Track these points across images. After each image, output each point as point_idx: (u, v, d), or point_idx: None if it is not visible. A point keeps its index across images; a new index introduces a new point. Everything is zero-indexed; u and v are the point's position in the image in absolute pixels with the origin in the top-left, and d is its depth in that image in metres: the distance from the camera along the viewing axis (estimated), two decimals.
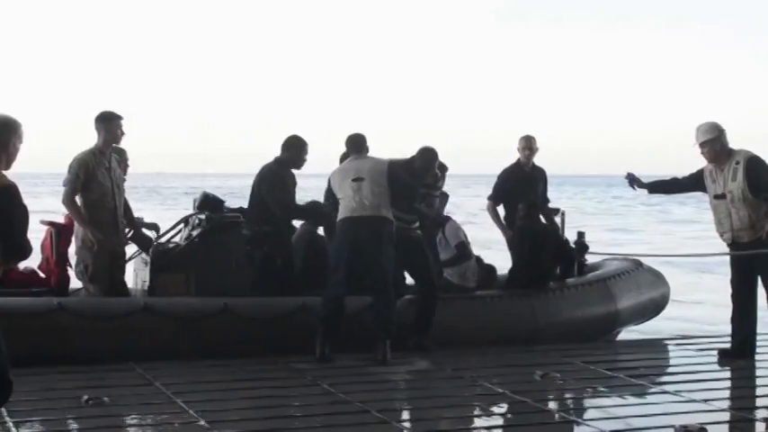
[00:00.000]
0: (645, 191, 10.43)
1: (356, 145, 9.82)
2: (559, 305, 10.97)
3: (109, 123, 9.78)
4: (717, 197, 9.67)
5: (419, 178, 9.96)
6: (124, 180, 10.07)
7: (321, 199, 10.30)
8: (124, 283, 10.03)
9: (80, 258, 9.73)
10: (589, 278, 11.56)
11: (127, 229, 10.08)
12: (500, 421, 7.56)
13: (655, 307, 12.07)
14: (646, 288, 11.87)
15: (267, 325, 9.55)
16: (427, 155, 10.04)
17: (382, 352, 9.27)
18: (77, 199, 9.66)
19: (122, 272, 10.00)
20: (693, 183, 10.01)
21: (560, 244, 11.57)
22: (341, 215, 9.54)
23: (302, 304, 9.74)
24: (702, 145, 9.64)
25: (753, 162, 9.50)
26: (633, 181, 10.31)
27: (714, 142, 9.59)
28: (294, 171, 10.42)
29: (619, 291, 11.44)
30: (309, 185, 10.62)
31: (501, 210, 11.84)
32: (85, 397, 7.59)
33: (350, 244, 9.45)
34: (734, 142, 9.71)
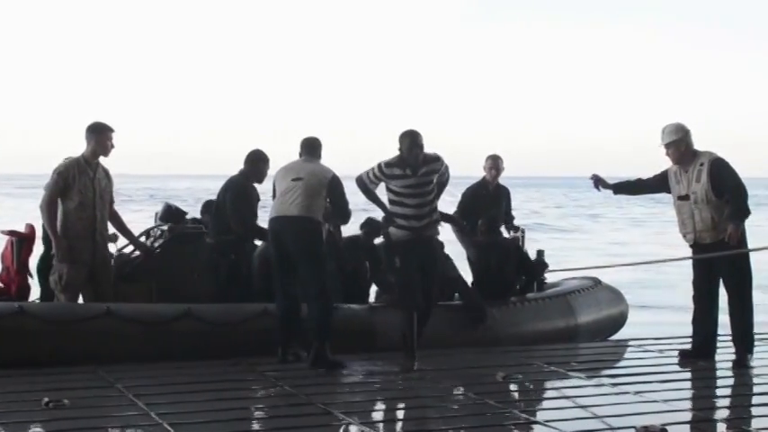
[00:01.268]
0: (610, 192, 10.47)
1: (309, 148, 9.63)
2: (520, 318, 11.07)
3: (99, 135, 9.77)
4: (680, 198, 9.73)
5: (411, 165, 9.27)
6: (111, 192, 10.02)
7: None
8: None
9: (56, 267, 9.70)
10: (549, 293, 11.73)
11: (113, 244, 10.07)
12: (462, 422, 7.55)
13: (613, 324, 12.31)
14: (605, 305, 12.10)
15: (229, 330, 9.56)
16: (403, 135, 9.34)
17: (314, 354, 9.17)
18: (59, 206, 9.63)
19: (109, 284, 9.96)
20: (658, 183, 10.07)
21: (523, 259, 11.68)
22: (270, 215, 9.46)
23: (264, 309, 9.74)
24: (667, 146, 9.70)
25: (717, 164, 9.56)
26: (598, 182, 10.37)
27: (679, 143, 9.64)
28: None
29: (578, 306, 11.62)
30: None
31: None
32: (46, 399, 7.54)
33: (275, 245, 9.40)
34: (698, 144, 9.79)
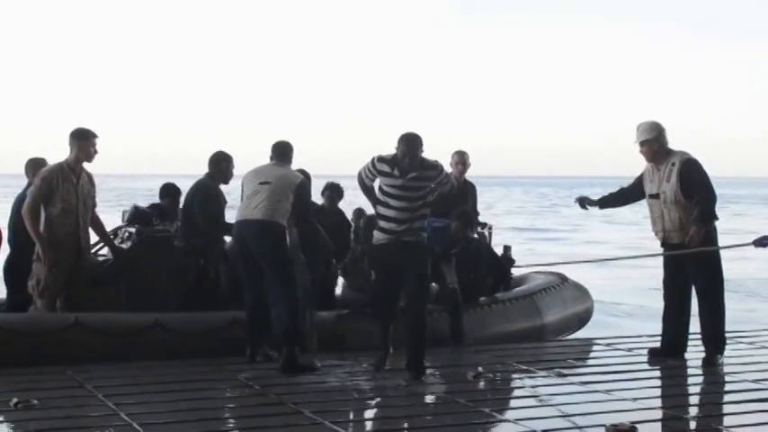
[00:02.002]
0: (596, 207, 10.45)
1: (279, 152, 9.55)
2: (488, 320, 11.09)
3: (83, 141, 9.75)
4: (651, 197, 9.76)
5: (401, 167, 8.78)
6: (94, 198, 10.01)
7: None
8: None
9: (35, 272, 9.67)
10: (517, 293, 11.74)
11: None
12: (433, 421, 7.57)
13: (579, 321, 12.40)
14: (570, 303, 12.20)
15: (198, 340, 9.53)
16: (400, 138, 8.84)
17: (283, 361, 9.08)
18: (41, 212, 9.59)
19: (84, 289, 9.92)
20: (639, 190, 10.05)
21: (493, 260, 11.65)
22: (235, 218, 9.41)
23: (233, 318, 9.72)
24: (641, 144, 9.72)
25: (688, 165, 9.57)
26: (583, 201, 10.34)
27: (652, 142, 9.66)
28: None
29: (545, 306, 11.70)
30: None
31: None
32: (15, 400, 7.51)
33: (239, 248, 9.37)
34: (676, 142, 9.84)
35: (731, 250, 10.68)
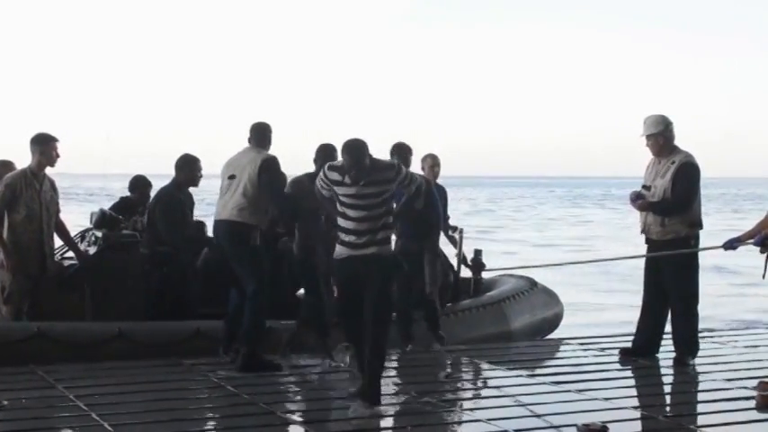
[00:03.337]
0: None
1: (257, 135, 9.30)
2: (455, 329, 10.99)
3: (44, 146, 9.71)
4: (644, 187, 9.80)
5: (356, 178, 7.80)
6: (57, 203, 9.95)
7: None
8: None
9: (0, 279, 9.62)
10: (484, 300, 11.69)
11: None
12: (404, 421, 7.58)
13: (548, 326, 12.40)
14: (539, 309, 12.20)
15: (162, 350, 9.46)
16: (342, 149, 7.97)
17: (240, 360, 8.99)
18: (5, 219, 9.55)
19: (50, 294, 9.84)
20: None
21: (447, 265, 11.57)
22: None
23: (197, 329, 9.67)
24: (647, 138, 9.74)
25: (684, 167, 9.59)
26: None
27: (658, 136, 9.67)
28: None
29: (512, 313, 11.68)
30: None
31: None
32: None
33: (219, 246, 9.33)
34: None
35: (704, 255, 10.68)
